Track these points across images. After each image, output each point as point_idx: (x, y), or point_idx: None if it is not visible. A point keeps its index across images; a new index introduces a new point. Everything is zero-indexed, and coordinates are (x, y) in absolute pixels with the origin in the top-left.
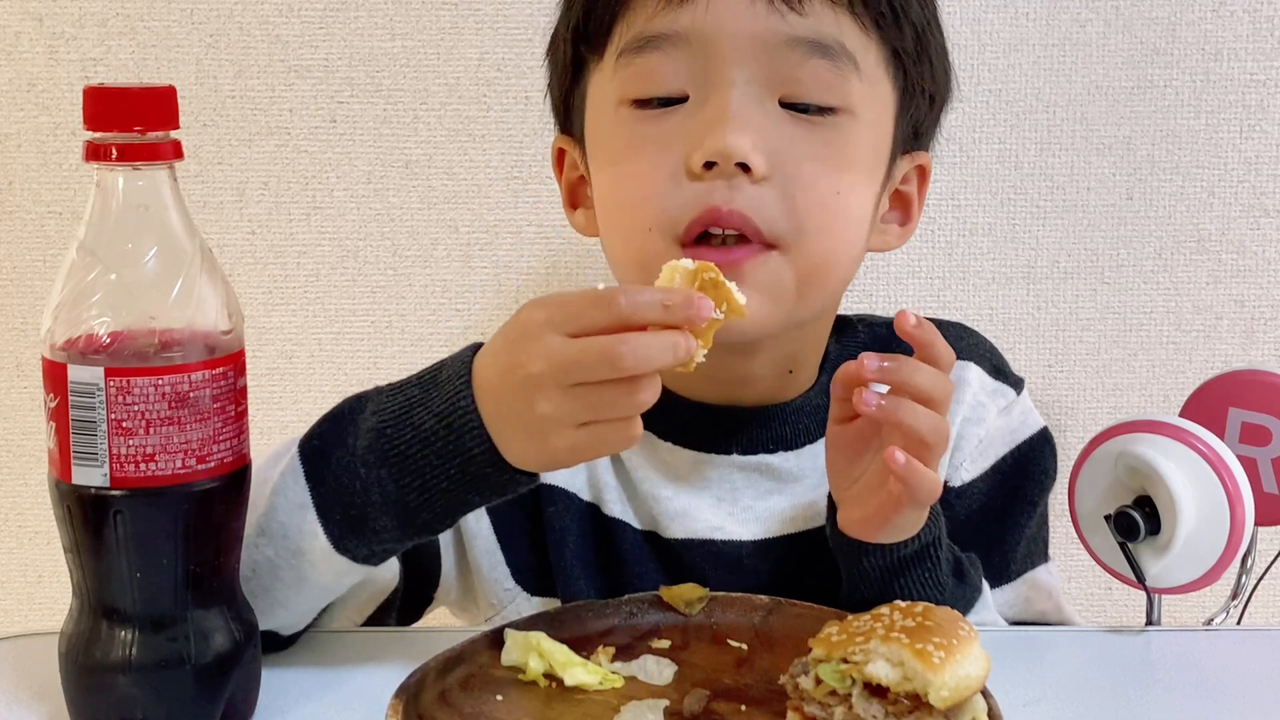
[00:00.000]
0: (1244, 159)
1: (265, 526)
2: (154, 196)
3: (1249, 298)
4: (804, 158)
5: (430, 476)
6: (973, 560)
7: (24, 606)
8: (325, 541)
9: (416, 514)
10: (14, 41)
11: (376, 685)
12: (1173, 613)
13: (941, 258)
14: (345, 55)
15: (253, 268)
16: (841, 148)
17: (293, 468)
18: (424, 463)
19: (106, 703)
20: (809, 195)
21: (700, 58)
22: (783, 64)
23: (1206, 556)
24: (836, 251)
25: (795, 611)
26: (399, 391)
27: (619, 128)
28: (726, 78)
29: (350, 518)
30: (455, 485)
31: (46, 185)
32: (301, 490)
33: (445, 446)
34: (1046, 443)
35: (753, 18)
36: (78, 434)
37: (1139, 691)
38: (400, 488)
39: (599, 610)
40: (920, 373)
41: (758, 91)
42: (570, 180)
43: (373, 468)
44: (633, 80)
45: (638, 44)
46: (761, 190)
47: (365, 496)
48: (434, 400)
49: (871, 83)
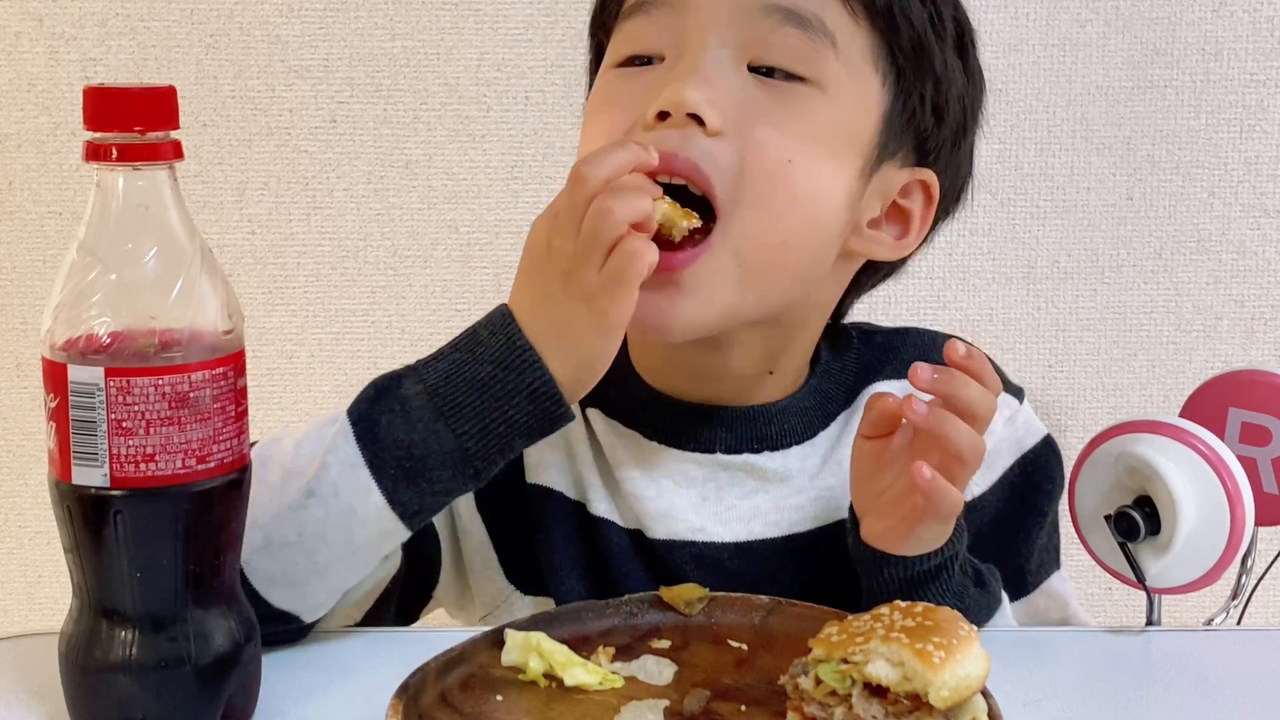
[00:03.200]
0: (1244, 159)
1: (314, 488)
2: (154, 196)
3: (1249, 298)
4: (761, 120)
5: (490, 420)
6: (992, 571)
7: (24, 606)
8: (379, 497)
9: (471, 460)
10: (14, 41)
11: (376, 685)
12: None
13: (941, 258)
14: (345, 55)
15: (253, 268)
16: (803, 117)
17: (343, 431)
18: (482, 408)
19: (106, 703)
20: (760, 158)
21: (678, 21)
22: (756, 29)
23: (1206, 556)
24: (779, 227)
25: (795, 611)
26: (438, 359)
27: (605, 86)
28: (699, 40)
29: (405, 470)
30: (511, 427)
31: (46, 185)
32: (353, 450)
33: (503, 389)
34: (1051, 450)
35: None
36: (78, 434)
37: (1139, 691)
38: (458, 436)
39: (599, 610)
40: (970, 388)
41: (730, 55)
42: None
43: (429, 423)
44: (620, 44)
45: (628, 11)
46: (713, 143)
47: (423, 448)
48: (484, 352)
49: (852, 68)
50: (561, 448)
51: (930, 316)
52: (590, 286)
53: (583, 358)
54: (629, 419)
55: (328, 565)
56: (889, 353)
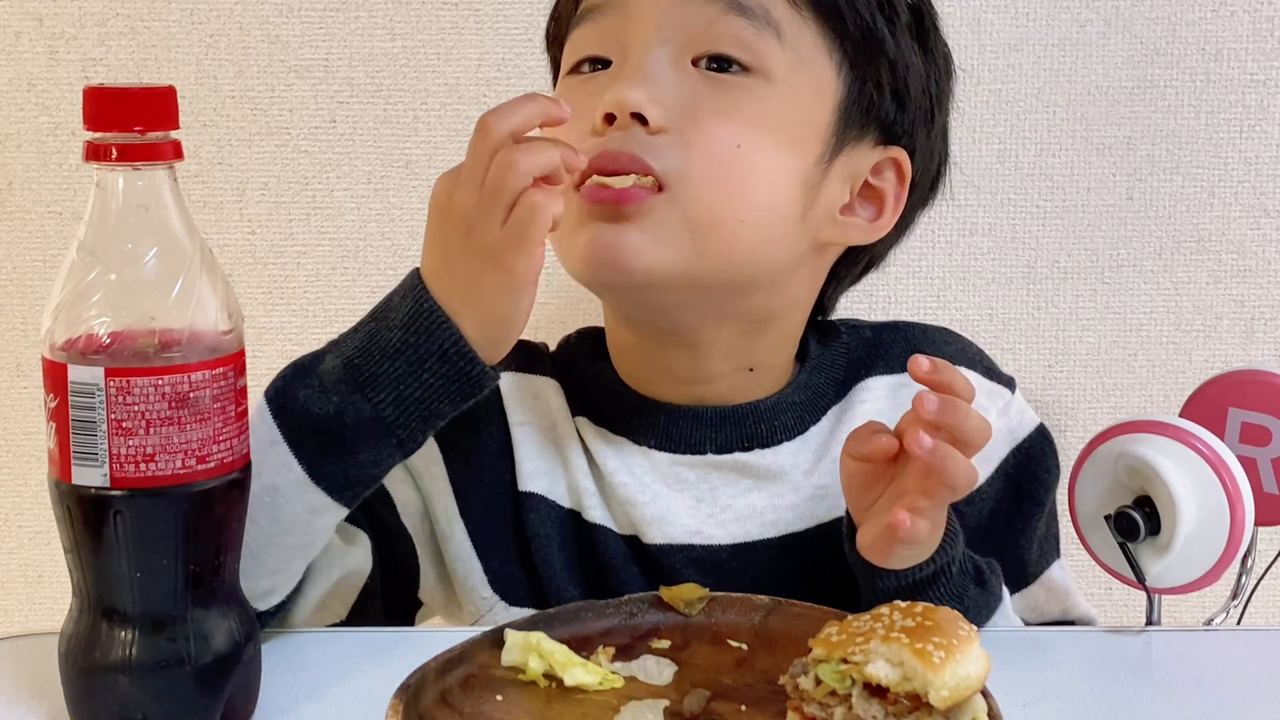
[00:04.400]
0: (1244, 159)
1: None
2: (154, 196)
3: (1249, 298)
4: (706, 113)
5: (405, 388)
6: (993, 567)
7: (24, 606)
8: (300, 472)
9: (392, 430)
10: (14, 41)
11: (376, 685)
12: (1173, 613)
13: (941, 258)
14: (345, 55)
15: (253, 268)
16: (750, 106)
17: (259, 413)
18: (396, 375)
19: (106, 703)
20: (705, 144)
21: (622, 24)
22: (698, 21)
23: (1206, 556)
24: (731, 204)
25: (795, 611)
26: (354, 332)
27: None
28: (643, 40)
29: (325, 444)
30: (429, 392)
31: (46, 185)
32: (270, 428)
33: (415, 354)
34: (1046, 439)
35: None
36: (78, 434)
37: (1139, 691)
38: (374, 405)
39: (599, 610)
40: (971, 419)
41: (673, 53)
42: None
43: (345, 395)
44: (569, 52)
45: (576, 20)
46: (657, 139)
47: (339, 420)
48: (395, 318)
49: (803, 57)
50: (554, 456)
51: (930, 317)
52: (493, 242)
53: (494, 315)
54: (617, 426)
55: (261, 548)
56: (879, 348)
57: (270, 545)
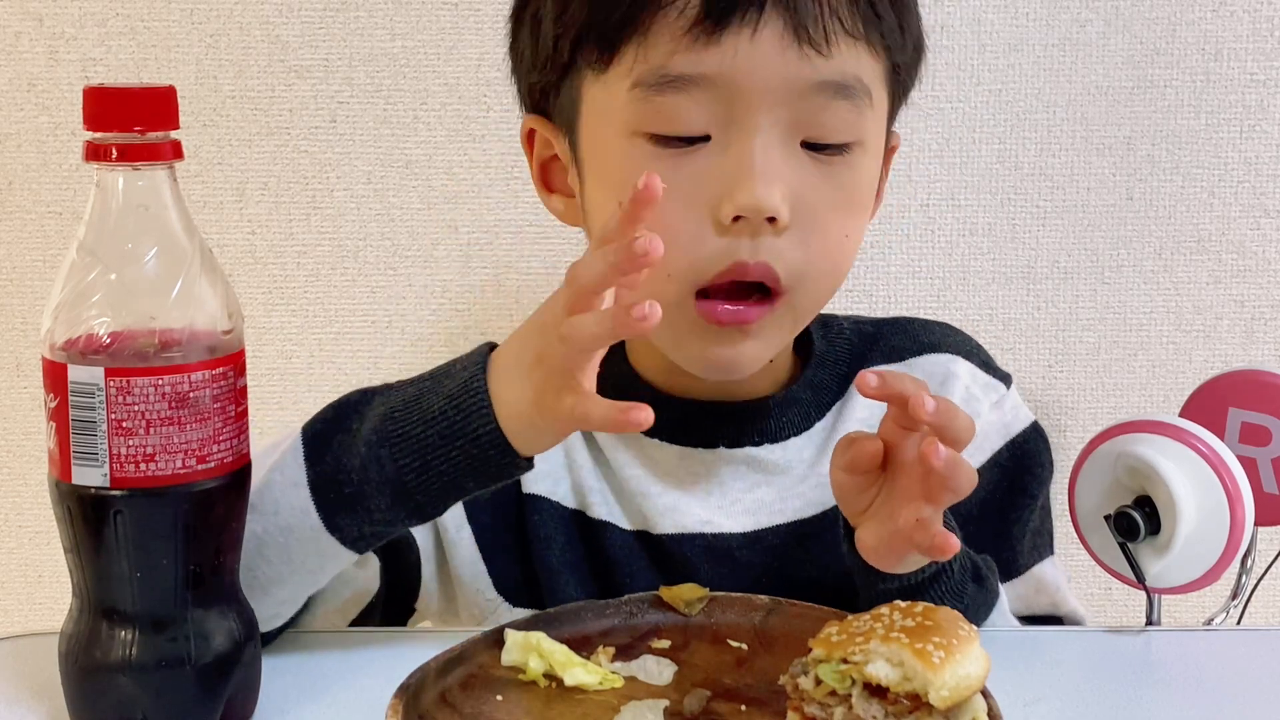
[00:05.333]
0: (1244, 159)
1: (256, 502)
2: (154, 196)
3: (1249, 298)
4: (821, 203)
5: (431, 458)
6: (989, 564)
7: (24, 606)
8: (316, 519)
9: (412, 495)
10: (14, 41)
11: (376, 685)
12: (1173, 613)
13: (941, 258)
14: (345, 55)
15: (253, 268)
16: (853, 186)
17: (293, 447)
18: (427, 443)
19: (106, 703)
20: (823, 241)
21: (725, 101)
22: (807, 108)
23: (1206, 556)
24: (832, 290)
25: (795, 611)
26: (410, 384)
27: (634, 160)
28: (752, 123)
29: (344, 496)
30: (455, 468)
31: (46, 185)
32: (298, 468)
33: (450, 427)
34: (1040, 435)
35: (782, 64)
36: (78, 434)
37: (1139, 691)
38: (399, 468)
39: (599, 610)
40: (960, 417)
41: (781, 135)
42: (542, 159)
43: (374, 447)
44: (652, 118)
45: (658, 81)
46: (782, 241)
47: (363, 474)
48: (446, 386)
49: (877, 105)
50: (558, 455)
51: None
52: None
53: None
54: None
55: (270, 581)
56: (879, 341)
57: (280, 581)
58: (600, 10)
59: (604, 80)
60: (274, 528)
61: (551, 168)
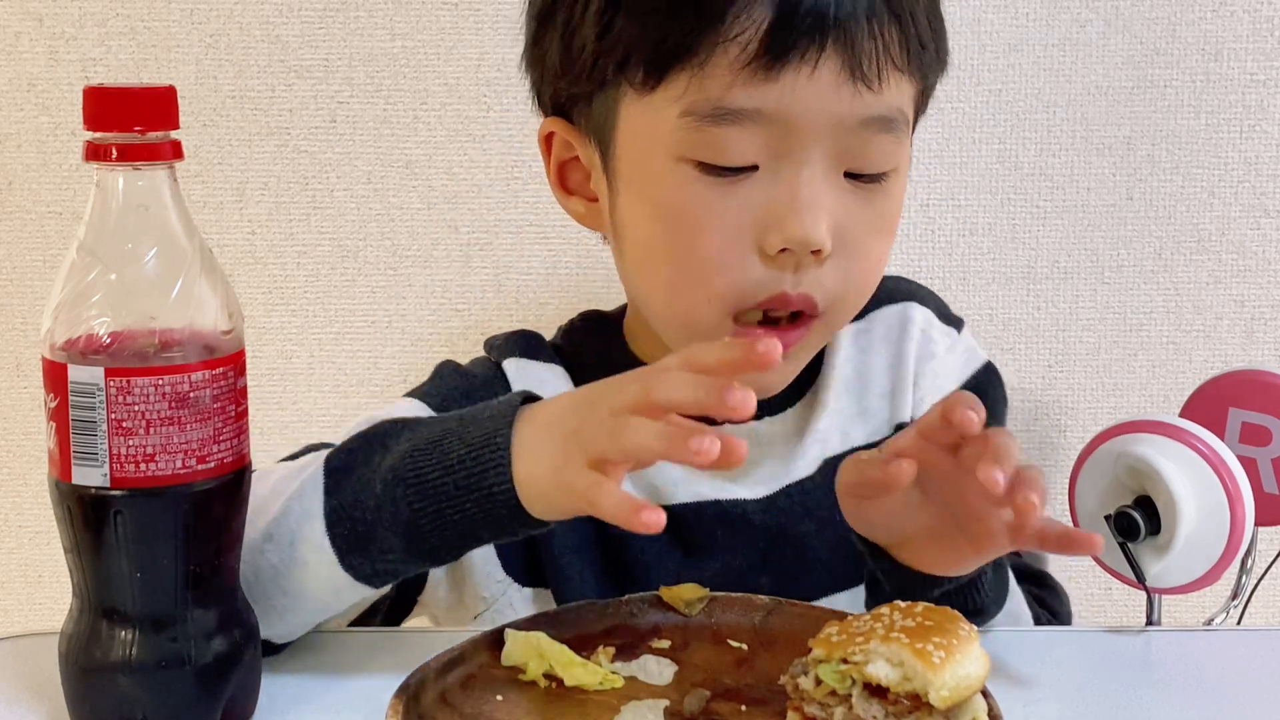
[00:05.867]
0: (1244, 159)
1: (273, 532)
2: (154, 196)
3: (1249, 298)
4: (860, 230)
5: (446, 505)
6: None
7: (24, 606)
8: (330, 554)
9: (426, 539)
10: (14, 41)
11: (376, 685)
12: (1173, 613)
13: (941, 258)
14: (345, 55)
15: (253, 268)
16: (890, 211)
17: (314, 478)
18: (442, 490)
19: (106, 703)
20: (862, 266)
21: (777, 135)
22: (853, 141)
23: (1206, 556)
24: (861, 306)
25: (795, 611)
26: (439, 421)
27: (680, 185)
28: (802, 156)
29: (358, 534)
30: (469, 519)
31: (46, 185)
32: (316, 500)
33: (467, 479)
34: (994, 373)
35: (836, 101)
36: (78, 434)
37: (1139, 691)
38: (413, 511)
39: (599, 610)
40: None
41: (827, 168)
42: (560, 160)
43: (390, 486)
44: (702, 147)
45: (712, 112)
46: (824, 271)
47: (377, 514)
48: (470, 433)
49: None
50: None
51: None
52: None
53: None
54: None
55: (286, 609)
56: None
57: (296, 610)
58: (652, 34)
59: (649, 101)
60: (290, 560)
61: (569, 169)
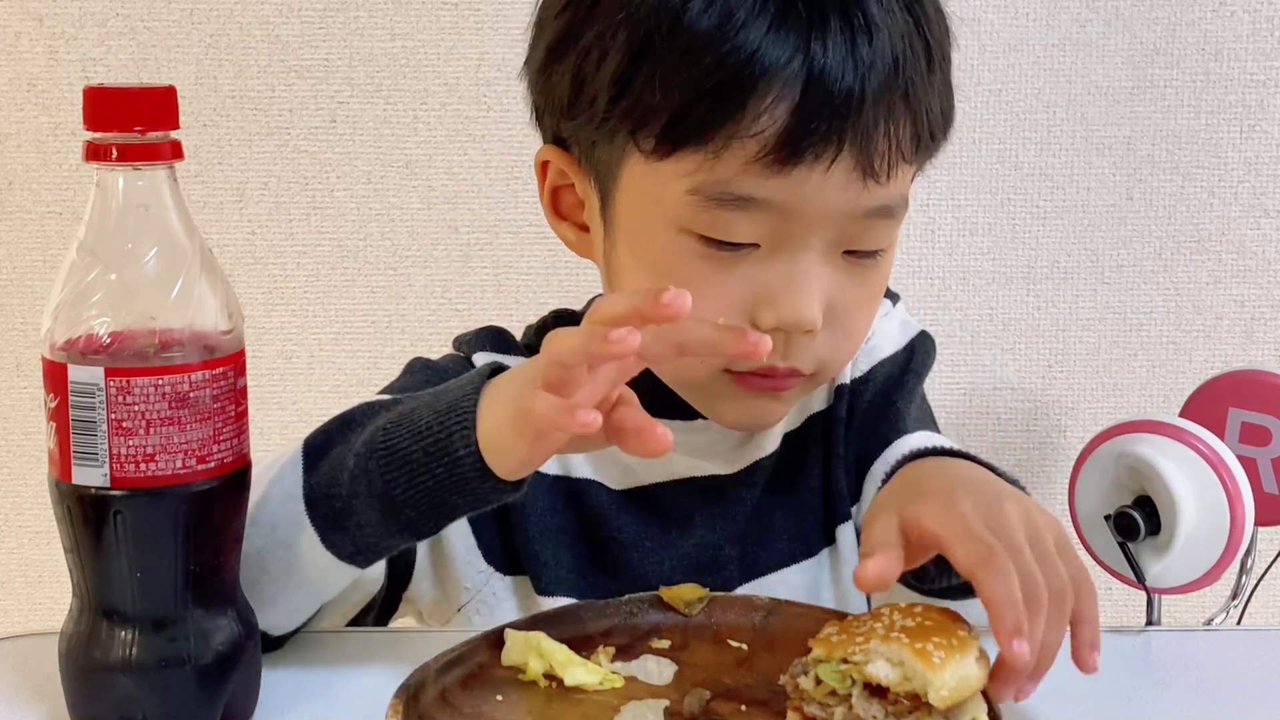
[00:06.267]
0: (1244, 159)
1: (256, 516)
2: (154, 196)
3: (1249, 298)
4: (853, 304)
5: (417, 473)
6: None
7: (24, 606)
8: (312, 533)
9: (400, 510)
10: (14, 41)
11: (376, 685)
12: (1173, 613)
13: (941, 258)
14: (345, 55)
15: (253, 268)
16: (881, 282)
17: (293, 459)
18: (412, 459)
19: (106, 703)
20: (848, 337)
21: (781, 221)
22: (854, 227)
23: (1206, 556)
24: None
25: (795, 611)
26: (413, 397)
27: (680, 255)
28: (804, 241)
29: (335, 510)
30: (441, 486)
31: (46, 185)
32: (296, 481)
33: (434, 445)
34: (927, 338)
35: (844, 196)
36: (78, 434)
37: (1139, 691)
38: (386, 482)
39: (599, 610)
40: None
41: (826, 250)
42: (554, 186)
43: (363, 459)
44: (706, 224)
45: (720, 196)
46: (813, 343)
47: (351, 488)
48: (439, 401)
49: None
50: None
51: (930, 316)
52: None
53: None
54: None
55: (276, 595)
56: None
57: (286, 594)
58: (669, 110)
59: (656, 168)
60: (273, 543)
61: (563, 194)
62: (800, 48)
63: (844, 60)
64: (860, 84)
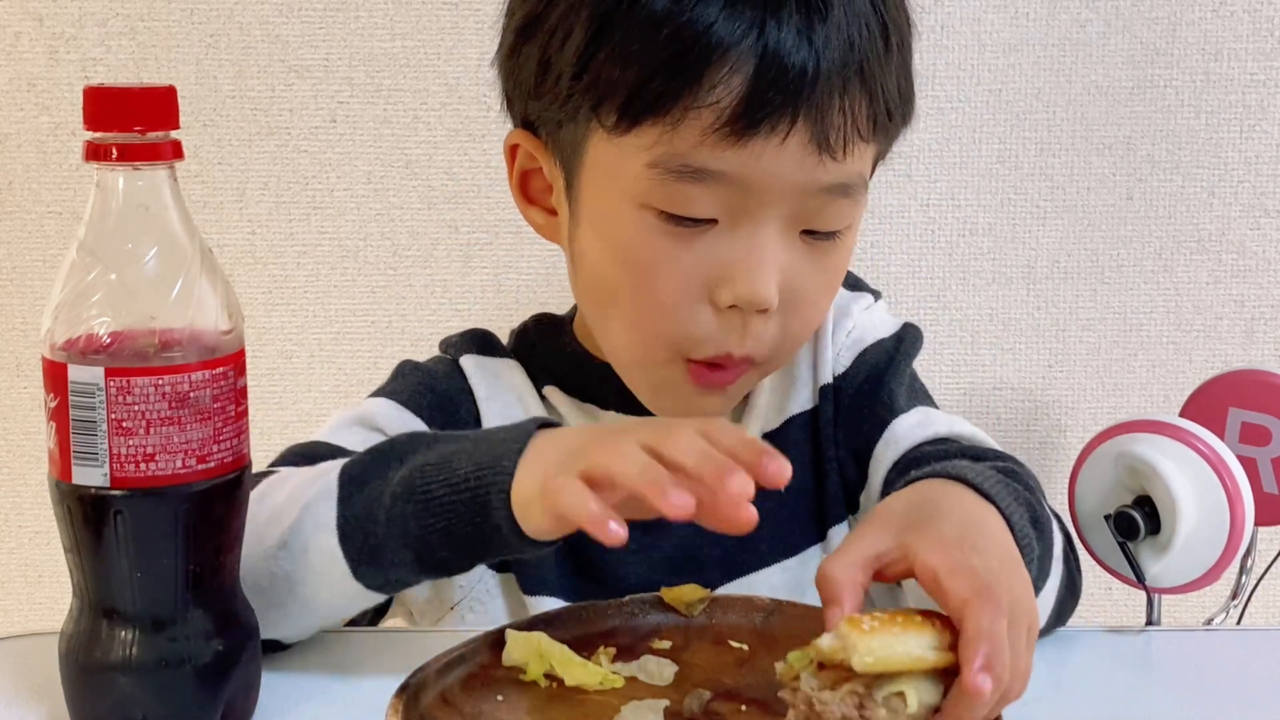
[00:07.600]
0: (1244, 159)
1: (288, 540)
2: (154, 196)
3: (1249, 298)
4: (810, 287)
5: (454, 521)
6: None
7: (24, 606)
8: (344, 565)
9: (434, 552)
10: (14, 41)
11: (376, 685)
12: (1173, 613)
13: (941, 258)
14: (345, 55)
15: (253, 268)
16: (838, 266)
17: (328, 488)
18: (449, 507)
19: (106, 703)
20: (805, 320)
21: (738, 195)
22: (811, 204)
23: (1206, 556)
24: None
25: (796, 612)
26: (454, 438)
27: (640, 231)
28: (760, 216)
29: (369, 546)
30: (477, 535)
31: (46, 185)
32: (329, 511)
33: (472, 499)
34: (914, 328)
35: (800, 169)
36: (78, 434)
37: (1139, 691)
38: (422, 526)
39: (600, 611)
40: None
41: (783, 227)
42: (523, 170)
43: (399, 500)
44: (665, 199)
45: (679, 169)
46: (768, 325)
47: (387, 529)
48: (480, 451)
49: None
50: None
51: (930, 317)
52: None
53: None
54: (586, 394)
55: (298, 614)
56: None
57: (307, 615)
58: (629, 83)
59: (618, 144)
60: (304, 569)
61: (532, 178)
62: (756, 24)
63: (798, 36)
64: (815, 60)
